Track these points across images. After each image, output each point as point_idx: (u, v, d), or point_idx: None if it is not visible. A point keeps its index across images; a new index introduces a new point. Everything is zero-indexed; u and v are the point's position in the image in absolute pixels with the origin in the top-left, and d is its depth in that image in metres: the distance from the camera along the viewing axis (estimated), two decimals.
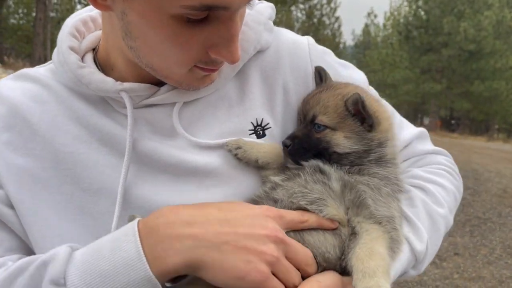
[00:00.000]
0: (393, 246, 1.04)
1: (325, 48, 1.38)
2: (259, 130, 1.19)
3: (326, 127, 1.13)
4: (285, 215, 1.01)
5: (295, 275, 0.97)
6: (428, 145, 1.43)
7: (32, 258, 0.98)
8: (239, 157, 1.14)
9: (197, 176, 1.12)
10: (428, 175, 1.31)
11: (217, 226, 0.93)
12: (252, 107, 1.21)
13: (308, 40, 1.34)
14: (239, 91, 1.22)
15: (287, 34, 1.34)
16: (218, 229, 0.92)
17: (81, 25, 1.24)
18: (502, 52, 34.86)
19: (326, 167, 1.11)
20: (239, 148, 1.15)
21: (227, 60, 1.04)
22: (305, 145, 1.12)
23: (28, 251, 1.11)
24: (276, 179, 1.13)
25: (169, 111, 1.15)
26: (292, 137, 1.14)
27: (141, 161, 1.12)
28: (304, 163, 1.13)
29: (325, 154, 1.13)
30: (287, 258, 0.97)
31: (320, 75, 1.25)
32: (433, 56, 36.67)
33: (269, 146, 1.18)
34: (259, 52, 1.25)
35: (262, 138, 1.19)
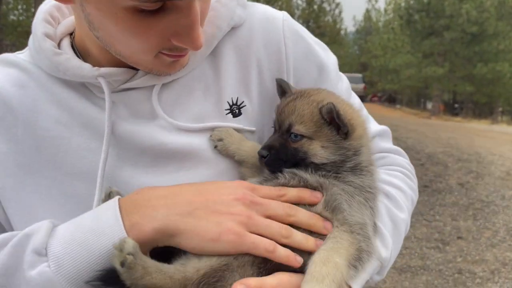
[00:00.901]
0: (362, 256, 1.03)
1: (301, 26, 1.36)
2: (235, 109, 1.21)
3: (302, 136, 1.11)
4: (258, 188, 1.05)
5: (280, 229, 0.99)
6: (389, 143, 1.45)
7: (14, 232, 1.01)
8: (218, 149, 1.16)
9: (176, 158, 1.14)
10: (390, 178, 1.32)
11: (190, 196, 0.99)
12: (228, 86, 1.21)
13: (284, 15, 1.31)
14: (214, 70, 1.22)
15: (260, 9, 1.31)
16: (190, 198, 0.99)
17: (55, 11, 1.24)
18: (505, 33, 34.47)
19: (302, 173, 1.10)
20: (220, 140, 1.16)
21: (189, 48, 1.05)
22: (282, 155, 1.11)
23: None
24: (253, 180, 1.13)
25: (148, 94, 1.16)
26: (268, 148, 1.11)
27: (120, 145, 1.13)
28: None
29: (302, 164, 1.12)
30: (268, 216, 1.00)
31: (282, 87, 1.21)
32: (435, 39, 36.31)
33: (250, 145, 1.19)
34: (233, 28, 1.24)
35: (238, 117, 1.21)
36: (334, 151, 1.11)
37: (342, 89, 1.37)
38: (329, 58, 1.36)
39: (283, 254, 0.96)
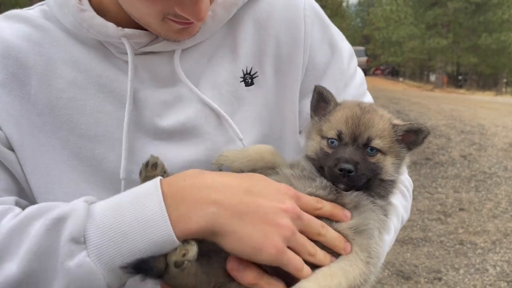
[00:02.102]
0: (364, 286, 1.02)
1: (320, 9, 1.36)
2: (248, 79, 1.22)
3: (378, 151, 1.09)
4: (301, 196, 1.02)
5: (309, 247, 0.98)
6: None
7: (43, 207, 0.94)
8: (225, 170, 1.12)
9: (195, 129, 1.16)
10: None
11: (241, 195, 0.93)
12: (243, 55, 1.23)
13: None
14: (232, 39, 1.24)
15: None
16: (241, 197, 0.93)
17: None
18: (510, 2, 33.79)
19: (340, 187, 1.08)
20: (222, 165, 1.11)
21: (191, 19, 1.04)
22: (365, 171, 1.06)
23: (24, 196, 1.10)
24: (287, 172, 1.12)
25: (168, 59, 1.15)
26: (354, 163, 1.04)
27: (138, 109, 1.13)
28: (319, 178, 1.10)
29: (372, 180, 1.09)
30: (303, 232, 0.98)
31: (323, 95, 1.17)
32: (439, 10, 35.68)
33: (253, 153, 1.14)
34: (252, 1, 1.25)
35: (250, 87, 1.22)
36: (398, 168, 1.12)
37: (356, 81, 1.39)
38: (344, 45, 1.38)
39: (306, 274, 0.95)
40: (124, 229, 0.87)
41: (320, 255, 0.99)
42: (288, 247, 0.94)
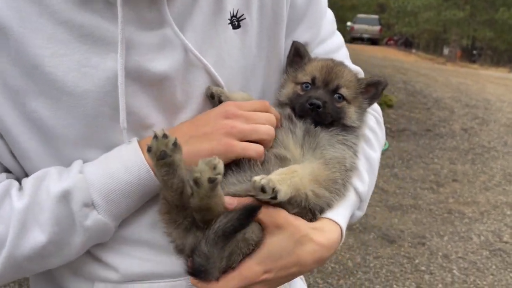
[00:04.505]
0: (338, 186, 1.15)
1: None
2: (235, 21, 1.21)
3: (344, 99, 1.26)
4: (242, 104, 1.14)
5: (264, 130, 1.12)
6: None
7: (40, 176, 1.06)
8: (222, 101, 1.17)
9: (178, 76, 1.15)
10: (367, 121, 1.39)
11: (185, 128, 1.11)
12: None
13: None
14: None
15: None
16: (185, 129, 1.11)
17: None
18: None
19: (295, 119, 1.22)
20: (221, 94, 1.18)
21: None
22: (331, 111, 1.23)
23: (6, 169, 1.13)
24: None
25: (154, 1, 1.09)
26: (322, 101, 1.21)
27: (126, 55, 1.07)
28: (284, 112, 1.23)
29: (335, 123, 1.24)
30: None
31: (299, 50, 1.30)
32: None
33: (244, 94, 1.23)
34: None
35: (237, 30, 1.21)
36: (360, 117, 1.29)
37: (334, 40, 1.43)
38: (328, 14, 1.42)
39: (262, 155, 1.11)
40: (122, 190, 1.06)
41: (265, 128, 1.12)
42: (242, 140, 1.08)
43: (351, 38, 40.71)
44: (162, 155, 0.96)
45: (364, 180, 1.26)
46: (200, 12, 1.15)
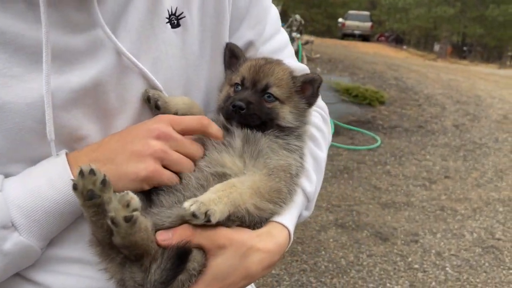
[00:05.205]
0: (283, 196, 1.09)
1: None
2: (173, 20, 1.13)
3: (276, 98, 1.19)
4: (181, 120, 1.07)
5: (186, 165, 1.05)
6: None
7: None
8: (159, 106, 1.10)
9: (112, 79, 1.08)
10: (312, 118, 1.34)
11: (113, 143, 1.02)
12: None
13: None
14: None
15: None
16: (113, 145, 1.02)
17: None
18: None
19: (231, 127, 1.15)
20: (159, 98, 1.10)
21: None
22: (258, 112, 1.16)
23: None
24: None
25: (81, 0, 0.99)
26: (246, 102, 1.14)
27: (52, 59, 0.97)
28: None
29: (268, 124, 1.17)
30: (179, 152, 1.04)
31: (234, 51, 1.24)
32: None
33: (186, 99, 1.17)
34: None
35: (176, 29, 1.13)
36: (297, 117, 1.21)
37: (280, 38, 1.37)
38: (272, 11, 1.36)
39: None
40: (47, 208, 0.95)
41: (188, 164, 1.07)
42: (167, 167, 1.03)
43: (342, 35, 40.81)
44: (90, 195, 0.89)
45: (312, 180, 1.23)
46: (135, 11, 1.06)
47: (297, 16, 14.94)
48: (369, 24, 41.09)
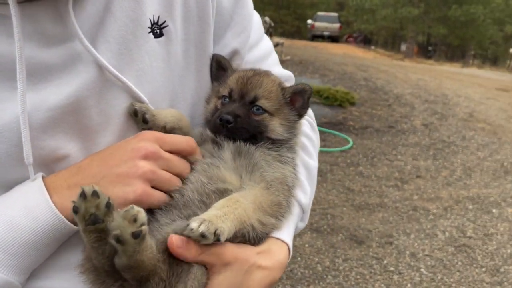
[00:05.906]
0: (283, 209, 1.07)
1: None
2: (156, 29, 1.06)
3: (265, 111, 1.16)
4: (166, 138, 1.03)
5: (175, 183, 1.01)
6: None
7: None
8: (147, 120, 1.05)
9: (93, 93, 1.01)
10: (302, 128, 1.33)
11: (95, 167, 0.95)
12: (148, 1, 1.05)
13: None
14: None
15: None
16: (95, 169, 0.95)
17: None
18: None
19: (220, 141, 1.12)
20: (146, 111, 1.04)
21: None
22: (246, 125, 1.13)
23: None
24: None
25: (58, 8, 0.91)
26: (234, 115, 1.11)
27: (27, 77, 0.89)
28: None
29: (258, 137, 1.14)
30: (168, 171, 1.00)
31: (221, 63, 1.20)
32: None
33: (174, 111, 1.12)
34: None
35: (159, 38, 1.06)
36: (288, 129, 1.19)
37: (264, 45, 1.35)
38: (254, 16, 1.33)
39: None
40: (26, 240, 0.88)
41: (176, 182, 1.03)
42: (157, 188, 0.98)
43: (312, 36, 41.20)
44: (93, 220, 0.79)
45: (307, 191, 1.22)
46: (113, 20, 0.99)
47: (267, 18, 14.95)
48: (337, 25, 41.64)
